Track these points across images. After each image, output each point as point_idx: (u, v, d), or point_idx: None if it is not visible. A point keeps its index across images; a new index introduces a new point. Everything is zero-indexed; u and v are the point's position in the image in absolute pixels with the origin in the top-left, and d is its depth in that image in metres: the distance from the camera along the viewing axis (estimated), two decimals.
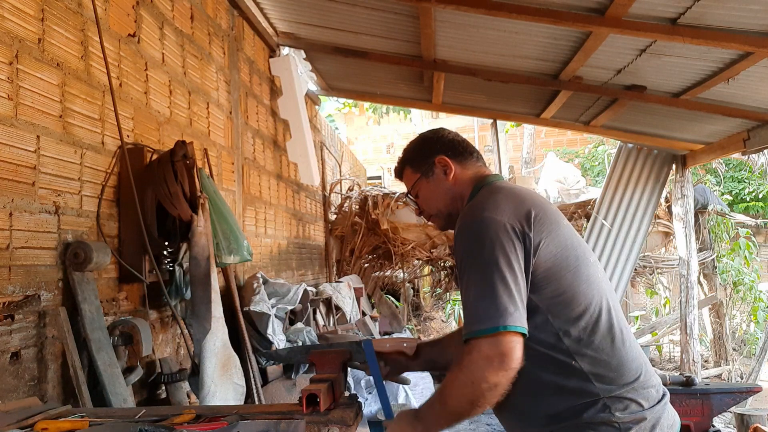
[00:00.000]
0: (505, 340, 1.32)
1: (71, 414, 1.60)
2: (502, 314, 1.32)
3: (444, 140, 1.71)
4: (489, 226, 1.40)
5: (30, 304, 1.94)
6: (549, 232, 1.44)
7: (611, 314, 1.46)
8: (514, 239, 1.39)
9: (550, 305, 1.42)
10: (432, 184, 1.69)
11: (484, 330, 1.33)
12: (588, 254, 1.52)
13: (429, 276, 9.14)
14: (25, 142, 1.95)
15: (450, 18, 3.73)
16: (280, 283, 4.05)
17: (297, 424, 1.41)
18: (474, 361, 1.34)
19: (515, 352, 1.32)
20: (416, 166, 1.71)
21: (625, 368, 1.42)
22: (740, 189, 11.07)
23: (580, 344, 1.41)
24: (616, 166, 6.40)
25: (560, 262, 1.43)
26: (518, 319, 1.34)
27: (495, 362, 1.31)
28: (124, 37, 2.59)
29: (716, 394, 3.61)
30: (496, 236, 1.39)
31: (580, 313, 1.43)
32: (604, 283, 1.51)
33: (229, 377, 2.63)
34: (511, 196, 1.50)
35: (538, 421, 1.45)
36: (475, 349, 1.34)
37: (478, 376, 1.33)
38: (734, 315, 8.22)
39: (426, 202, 1.72)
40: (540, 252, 1.41)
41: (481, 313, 1.34)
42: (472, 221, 1.45)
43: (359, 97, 7.62)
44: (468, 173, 1.67)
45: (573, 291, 1.43)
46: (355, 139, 15.72)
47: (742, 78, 3.65)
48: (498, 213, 1.42)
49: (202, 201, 2.66)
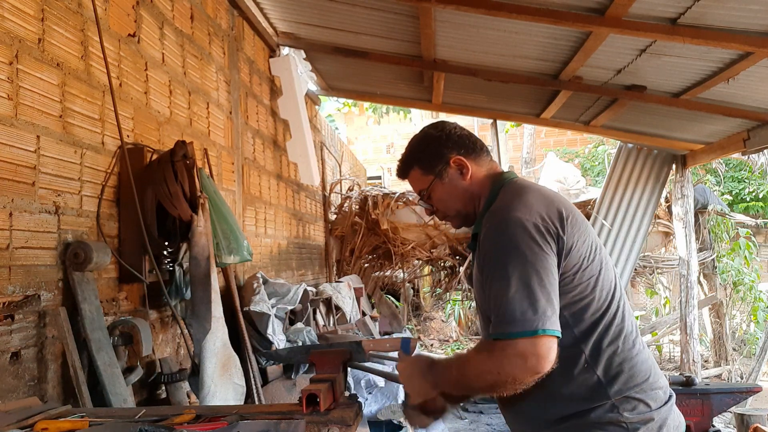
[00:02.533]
0: (542, 342, 1.29)
1: (71, 414, 1.60)
2: (541, 317, 1.30)
3: (454, 137, 1.62)
4: (524, 228, 1.37)
5: (30, 304, 1.94)
6: (580, 235, 1.42)
7: (624, 317, 1.46)
8: (549, 240, 1.37)
9: (572, 309, 1.41)
10: (448, 186, 1.61)
11: (521, 332, 1.30)
12: (607, 256, 1.51)
13: (429, 276, 9.14)
14: (25, 142, 1.95)
15: (450, 18, 3.73)
16: (280, 283, 4.05)
17: (297, 424, 1.41)
18: (507, 356, 1.30)
19: (551, 355, 1.29)
20: (428, 167, 1.62)
21: (636, 370, 1.42)
22: (740, 189, 11.06)
23: (596, 348, 1.41)
24: (616, 166, 6.40)
25: (587, 266, 1.42)
26: (555, 322, 1.32)
27: (530, 363, 1.29)
28: (124, 37, 2.59)
29: (716, 394, 3.61)
30: (532, 237, 1.36)
31: (599, 317, 1.42)
32: (620, 286, 1.50)
33: (229, 377, 2.63)
34: (540, 195, 1.47)
35: (546, 422, 1.45)
36: (510, 347, 1.30)
37: (508, 371, 1.30)
38: (734, 315, 8.22)
39: (442, 203, 1.65)
40: (571, 254, 1.39)
41: (519, 314, 1.30)
42: (506, 222, 1.40)
43: (359, 97, 7.62)
44: (482, 171, 1.62)
45: (594, 295, 1.42)
46: (355, 139, 15.71)
47: (742, 78, 3.65)
48: (531, 214, 1.39)
49: (202, 201, 2.66)
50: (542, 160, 10.39)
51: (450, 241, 7.19)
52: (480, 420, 6.17)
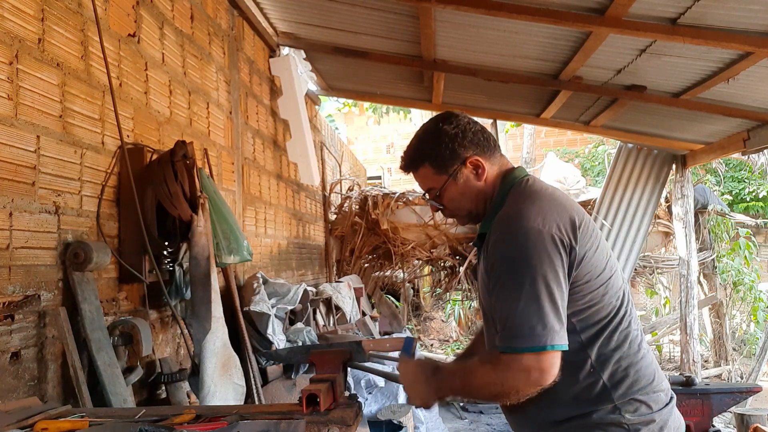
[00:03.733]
0: (547, 357, 1.30)
1: (71, 414, 1.60)
2: (549, 333, 1.30)
3: (469, 135, 1.54)
4: (537, 238, 1.35)
5: (30, 304, 1.94)
6: (592, 244, 1.41)
7: (631, 321, 1.46)
8: (562, 251, 1.36)
9: (580, 315, 1.41)
10: (462, 187, 1.55)
11: (529, 348, 1.31)
12: (615, 261, 1.50)
13: (429, 276, 9.14)
14: (25, 142, 1.95)
15: (450, 18, 3.73)
16: (280, 283, 4.05)
17: (297, 424, 1.41)
18: (512, 370, 1.32)
19: (554, 369, 1.31)
20: (441, 166, 1.54)
21: (641, 374, 1.42)
22: (740, 189, 11.06)
23: (602, 353, 1.41)
24: (616, 166, 6.40)
25: (598, 275, 1.41)
26: (563, 337, 1.33)
27: (533, 377, 1.31)
28: (124, 37, 2.59)
29: (716, 394, 3.61)
30: (544, 249, 1.34)
31: (606, 323, 1.42)
32: (627, 290, 1.50)
33: (229, 377, 2.63)
34: (553, 202, 1.44)
35: (549, 424, 1.46)
36: (515, 362, 1.32)
37: (511, 384, 1.33)
38: (734, 315, 8.22)
39: (453, 203, 1.59)
40: (583, 264, 1.38)
41: (527, 330, 1.31)
42: (517, 232, 1.37)
43: (359, 97, 7.62)
44: (495, 169, 1.57)
45: (603, 302, 1.42)
46: (355, 139, 15.72)
47: (742, 78, 3.65)
48: (544, 223, 1.37)
49: (202, 201, 2.66)
50: (542, 160, 10.38)
51: (450, 241, 7.19)
52: (480, 420, 6.17)
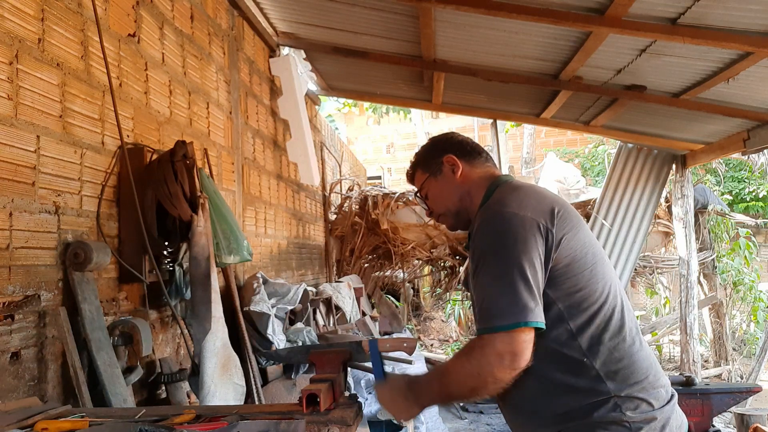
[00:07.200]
0: (520, 338, 1.33)
1: (71, 414, 1.60)
2: (522, 310, 1.34)
3: (452, 141, 1.75)
4: (511, 221, 1.41)
5: (30, 304, 1.94)
6: (571, 228, 1.45)
7: (624, 313, 1.47)
8: (537, 234, 1.40)
9: (566, 301, 1.42)
10: (440, 183, 1.71)
11: (503, 326, 1.34)
12: (603, 253, 1.54)
13: (429, 276, 9.13)
14: (25, 142, 1.95)
15: (450, 18, 3.73)
16: (280, 283, 4.05)
17: (297, 424, 1.41)
18: (486, 355, 1.35)
19: (526, 351, 1.34)
20: (426, 166, 1.74)
21: (635, 367, 1.43)
22: (740, 189, 11.07)
23: (593, 342, 1.42)
24: (616, 166, 6.40)
25: (579, 258, 1.44)
26: (538, 314, 1.36)
27: (506, 360, 1.33)
28: (124, 37, 2.59)
29: (716, 394, 3.61)
30: (518, 231, 1.39)
31: (595, 310, 1.43)
32: (617, 283, 1.52)
33: (229, 377, 2.63)
34: (532, 193, 1.52)
35: (547, 420, 1.45)
36: (489, 344, 1.35)
37: (486, 371, 1.35)
38: (734, 315, 8.23)
39: (434, 201, 1.74)
40: (561, 247, 1.42)
41: (502, 308, 1.35)
42: (493, 216, 1.46)
43: (359, 97, 7.62)
44: (477, 172, 1.69)
45: (589, 288, 1.44)
46: (355, 139, 15.72)
47: (742, 78, 3.65)
48: (521, 209, 1.43)
49: (202, 201, 2.66)
50: (542, 160, 10.39)
51: (450, 241, 7.19)
52: (480, 420, 6.17)
